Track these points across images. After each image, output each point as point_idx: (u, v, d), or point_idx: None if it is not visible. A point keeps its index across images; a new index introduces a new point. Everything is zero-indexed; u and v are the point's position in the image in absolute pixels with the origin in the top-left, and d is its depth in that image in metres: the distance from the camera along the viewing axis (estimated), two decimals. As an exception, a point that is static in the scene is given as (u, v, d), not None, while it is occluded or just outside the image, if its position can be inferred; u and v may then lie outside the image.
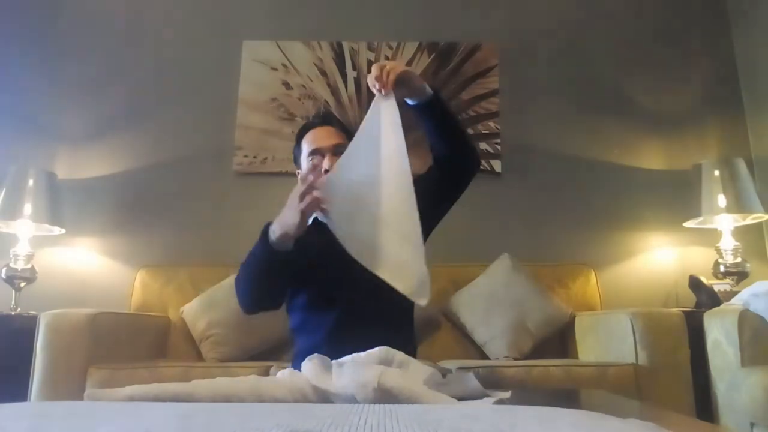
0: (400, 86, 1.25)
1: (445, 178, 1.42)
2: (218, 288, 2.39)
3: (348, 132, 1.49)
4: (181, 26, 3.00)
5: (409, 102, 1.33)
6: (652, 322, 1.92)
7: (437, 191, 1.42)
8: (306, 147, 1.47)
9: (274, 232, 1.24)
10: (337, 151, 1.40)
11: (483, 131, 2.85)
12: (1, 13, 2.97)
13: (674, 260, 2.72)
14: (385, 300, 1.33)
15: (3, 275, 2.42)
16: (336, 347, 1.19)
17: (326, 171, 1.38)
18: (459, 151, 1.40)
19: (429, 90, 1.32)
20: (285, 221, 1.22)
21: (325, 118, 1.56)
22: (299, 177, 1.48)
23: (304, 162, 1.47)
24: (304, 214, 1.19)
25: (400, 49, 2.92)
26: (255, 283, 1.34)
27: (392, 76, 1.22)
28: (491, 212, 2.75)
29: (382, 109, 1.22)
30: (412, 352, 1.38)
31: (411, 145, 1.20)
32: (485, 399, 1.12)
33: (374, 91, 1.23)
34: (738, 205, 2.45)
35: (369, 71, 1.24)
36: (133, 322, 2.25)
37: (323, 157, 1.42)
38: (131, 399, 0.99)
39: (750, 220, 2.56)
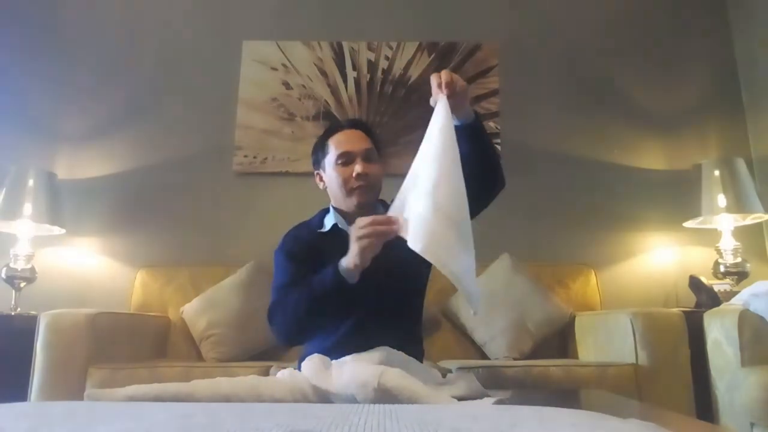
0: (457, 99, 1.25)
1: (472, 195, 1.43)
2: (218, 288, 2.39)
3: (375, 138, 1.47)
4: (181, 26, 3.00)
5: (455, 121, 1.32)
6: (652, 322, 1.92)
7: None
8: (334, 149, 1.40)
9: (343, 266, 1.20)
10: (367, 156, 1.39)
11: (483, 131, 2.85)
12: (1, 14, 2.97)
13: (674, 260, 2.72)
14: (397, 307, 1.34)
15: (3, 275, 2.42)
16: (346, 353, 1.19)
17: (357, 175, 1.36)
18: (489, 170, 1.39)
19: (472, 111, 1.33)
20: (350, 259, 1.19)
21: (354, 122, 1.52)
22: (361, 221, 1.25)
23: (331, 164, 1.41)
24: (365, 252, 1.16)
25: (400, 49, 2.92)
26: (311, 314, 1.26)
27: (460, 87, 1.23)
28: (491, 212, 2.73)
29: (442, 109, 1.22)
30: (419, 356, 1.39)
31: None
32: (485, 399, 1.12)
33: (437, 92, 1.23)
34: (738, 205, 2.45)
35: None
36: (133, 322, 2.25)
37: (353, 161, 1.38)
38: (131, 399, 1.00)
39: (750, 220, 2.56)
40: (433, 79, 1.24)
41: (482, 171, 1.36)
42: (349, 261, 1.18)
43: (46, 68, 2.92)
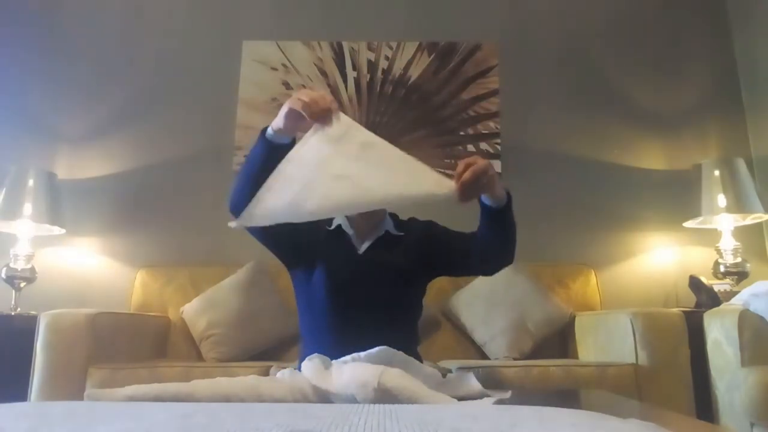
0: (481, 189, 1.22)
1: (480, 261, 1.44)
2: (218, 288, 2.39)
3: None
4: (181, 26, 3.00)
5: (484, 201, 1.31)
6: (652, 322, 1.92)
7: (467, 259, 1.44)
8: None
9: (271, 126, 1.27)
10: None
11: (483, 131, 2.85)
12: (1, 14, 2.97)
13: (674, 260, 2.72)
14: (396, 308, 1.35)
15: (3, 275, 2.42)
16: (346, 353, 1.19)
17: None
18: (505, 254, 1.41)
19: (505, 195, 1.31)
20: (278, 116, 1.24)
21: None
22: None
23: None
24: (291, 112, 1.21)
25: (400, 49, 2.92)
26: (247, 177, 1.29)
27: (481, 181, 1.18)
28: (491, 212, 2.74)
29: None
30: (416, 359, 1.39)
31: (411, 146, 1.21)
32: (485, 399, 1.12)
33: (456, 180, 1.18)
34: (738, 205, 2.45)
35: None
36: (133, 322, 2.25)
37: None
38: (131, 399, 1.00)
39: (750, 220, 2.56)
40: (460, 166, 1.19)
41: (496, 253, 1.40)
42: (275, 121, 1.25)
43: (46, 68, 2.92)
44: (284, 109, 1.22)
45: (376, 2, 3.02)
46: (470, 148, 2.83)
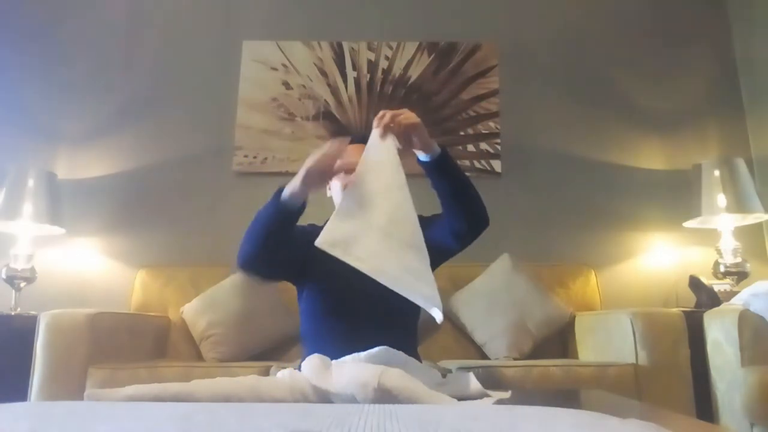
0: (409, 136, 1.32)
1: (451, 234, 1.44)
2: (218, 288, 2.39)
3: None
4: (181, 26, 3.00)
5: (420, 158, 1.38)
6: (652, 322, 1.92)
7: (441, 243, 1.44)
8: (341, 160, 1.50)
9: (287, 188, 1.30)
10: None
11: (483, 131, 2.85)
12: (1, 14, 2.97)
13: (674, 260, 2.72)
14: (395, 310, 1.35)
15: (3, 275, 2.42)
16: (345, 353, 1.19)
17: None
18: (468, 212, 1.42)
19: (437, 147, 1.37)
20: (296, 177, 1.29)
21: (365, 137, 1.59)
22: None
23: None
24: (311, 171, 1.26)
25: (400, 49, 2.92)
26: (258, 238, 1.35)
27: (401, 127, 1.30)
28: (491, 212, 2.69)
29: (384, 146, 1.28)
30: (416, 359, 1.39)
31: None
32: (485, 399, 1.12)
33: (376, 130, 1.30)
34: (738, 205, 2.45)
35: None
36: (133, 322, 2.25)
37: (350, 172, 1.45)
38: (131, 399, 1.00)
39: (750, 220, 2.56)
40: (375, 122, 1.31)
41: (457, 208, 1.40)
42: (290, 184, 1.29)
43: (46, 68, 2.92)
44: (302, 172, 1.27)
45: (376, 2, 3.02)
46: (470, 148, 2.83)
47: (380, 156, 1.26)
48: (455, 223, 1.41)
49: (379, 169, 1.25)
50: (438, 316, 1.15)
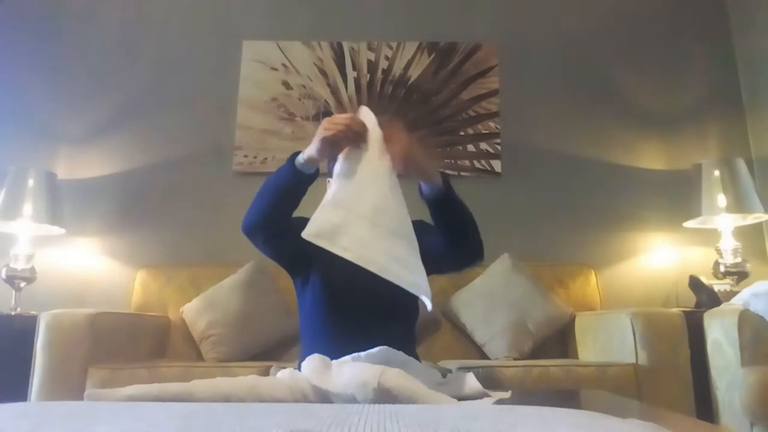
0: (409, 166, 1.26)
1: (444, 258, 1.42)
2: (218, 288, 2.39)
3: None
4: (181, 26, 3.00)
5: (423, 189, 1.33)
6: (652, 322, 1.92)
7: (433, 263, 1.43)
8: (339, 158, 1.49)
9: (303, 153, 1.30)
10: None
11: (483, 131, 2.85)
12: (1, 14, 2.97)
13: (674, 260, 2.72)
14: (393, 310, 1.35)
15: (3, 275, 2.42)
16: (345, 353, 1.19)
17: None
18: (465, 247, 1.39)
19: (439, 179, 1.31)
20: (311, 144, 1.27)
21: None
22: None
23: (335, 172, 1.49)
24: (325, 141, 1.23)
25: (400, 49, 2.92)
26: (266, 202, 1.35)
27: (399, 157, 1.23)
28: (491, 212, 2.73)
29: (374, 137, 1.25)
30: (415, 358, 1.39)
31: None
32: (485, 399, 1.12)
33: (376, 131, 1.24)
34: (738, 205, 2.45)
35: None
36: (133, 322, 2.25)
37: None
38: (131, 399, 1.00)
39: (750, 220, 2.56)
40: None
41: (459, 246, 1.37)
42: (307, 150, 1.28)
43: (46, 68, 2.92)
44: (318, 137, 1.25)
45: (376, 2, 3.02)
46: (470, 148, 2.83)
47: (368, 145, 1.24)
48: (449, 253, 1.39)
49: (367, 159, 1.23)
50: (428, 304, 1.14)
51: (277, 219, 1.37)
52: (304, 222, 1.21)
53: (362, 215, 1.18)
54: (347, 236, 1.17)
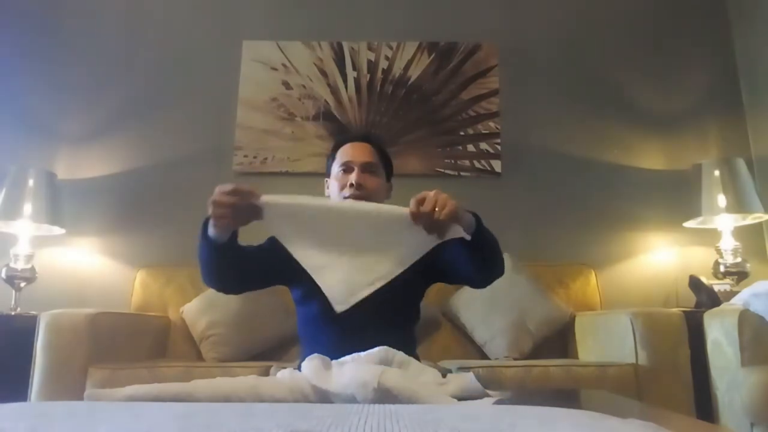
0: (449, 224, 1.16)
1: (471, 281, 1.43)
2: (218, 288, 2.39)
3: (385, 153, 1.53)
4: (181, 26, 3.00)
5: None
6: (652, 322, 1.92)
7: (460, 280, 1.46)
8: (339, 158, 1.50)
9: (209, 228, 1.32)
10: (367, 168, 1.45)
11: (483, 131, 2.85)
12: (1, 14, 2.97)
13: (674, 260, 2.72)
14: (393, 315, 1.35)
15: (3, 275, 2.42)
16: (345, 353, 1.19)
17: (352, 185, 1.41)
18: (492, 272, 1.37)
19: (472, 219, 1.24)
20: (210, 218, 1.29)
21: (365, 136, 1.59)
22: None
23: (334, 172, 1.51)
24: (218, 221, 1.26)
25: (400, 49, 2.92)
26: (204, 265, 1.39)
27: (445, 214, 1.11)
28: (491, 212, 2.71)
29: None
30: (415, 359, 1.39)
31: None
32: (485, 399, 1.12)
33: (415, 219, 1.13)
34: (738, 205, 2.45)
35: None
36: (133, 322, 2.25)
37: (352, 171, 1.44)
38: (131, 399, 0.99)
39: (750, 220, 2.56)
40: (412, 207, 1.12)
41: (482, 273, 1.37)
42: (210, 228, 1.31)
43: (46, 68, 2.92)
44: (211, 214, 1.27)
45: (376, 2, 3.02)
46: (470, 148, 2.83)
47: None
48: (477, 276, 1.38)
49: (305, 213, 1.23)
50: (336, 305, 1.20)
51: (226, 276, 1.39)
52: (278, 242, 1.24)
53: (335, 255, 1.21)
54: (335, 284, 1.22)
